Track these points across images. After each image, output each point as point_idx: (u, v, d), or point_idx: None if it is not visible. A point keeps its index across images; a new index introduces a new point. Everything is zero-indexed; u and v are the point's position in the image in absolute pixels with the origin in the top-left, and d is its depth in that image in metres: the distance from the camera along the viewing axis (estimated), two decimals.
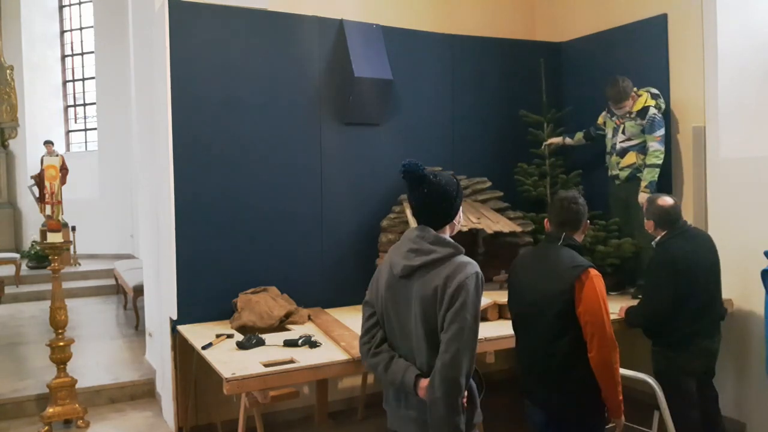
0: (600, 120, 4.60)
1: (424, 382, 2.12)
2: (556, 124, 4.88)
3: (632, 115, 4.31)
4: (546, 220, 2.81)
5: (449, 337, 2.07)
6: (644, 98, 4.29)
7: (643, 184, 4.20)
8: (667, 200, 3.61)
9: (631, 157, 4.35)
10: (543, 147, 4.82)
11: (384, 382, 2.32)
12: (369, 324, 2.35)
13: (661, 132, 4.22)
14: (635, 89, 4.31)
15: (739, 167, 4.15)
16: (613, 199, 4.55)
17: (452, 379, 2.05)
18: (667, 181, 4.40)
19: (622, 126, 4.39)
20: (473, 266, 2.15)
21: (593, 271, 2.52)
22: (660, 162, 4.20)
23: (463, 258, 2.18)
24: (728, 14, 4.21)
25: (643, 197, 4.15)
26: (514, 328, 2.81)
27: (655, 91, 4.32)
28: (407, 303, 2.19)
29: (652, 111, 4.23)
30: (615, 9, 4.92)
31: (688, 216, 4.38)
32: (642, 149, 4.30)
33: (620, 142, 4.40)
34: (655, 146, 4.20)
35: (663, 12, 4.52)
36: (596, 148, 4.72)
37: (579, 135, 4.74)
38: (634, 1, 4.77)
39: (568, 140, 4.78)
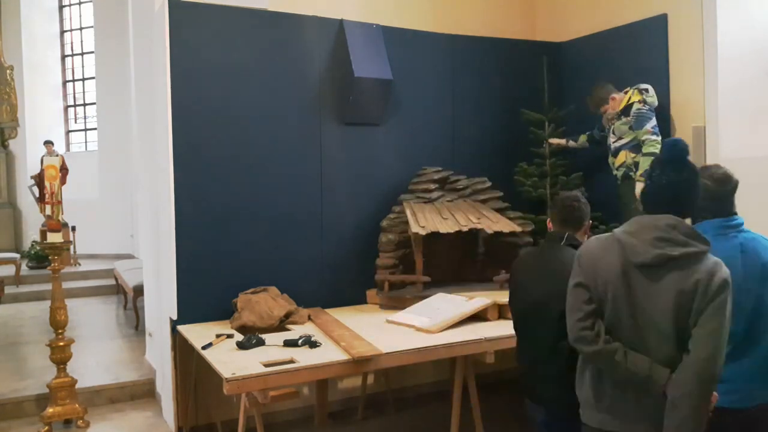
0: (604, 121, 4.59)
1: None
2: (558, 124, 4.87)
3: (618, 115, 4.33)
4: (548, 220, 2.82)
5: (707, 332, 1.96)
6: (628, 96, 4.29)
7: (639, 172, 4.18)
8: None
9: (622, 157, 4.34)
10: (543, 145, 4.79)
11: (614, 374, 2.11)
12: (589, 309, 2.14)
13: (651, 123, 4.18)
14: (619, 90, 4.32)
15: (739, 167, 4.11)
16: (618, 199, 4.53)
17: (709, 377, 1.95)
18: None
19: (612, 127, 4.41)
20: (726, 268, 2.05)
21: None
22: (656, 150, 4.14)
23: (714, 257, 2.07)
24: (728, 14, 4.21)
25: (639, 187, 4.15)
26: (515, 328, 2.81)
27: (644, 86, 4.27)
28: (652, 294, 2.06)
29: (636, 107, 4.21)
30: (615, 9, 4.92)
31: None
32: (632, 147, 4.28)
33: (613, 142, 4.41)
34: (649, 138, 4.17)
35: (663, 12, 4.52)
36: (599, 150, 4.68)
37: (583, 138, 4.71)
38: (634, 1, 4.76)
39: (571, 143, 4.74)
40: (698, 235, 2.09)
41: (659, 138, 4.18)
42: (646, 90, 4.26)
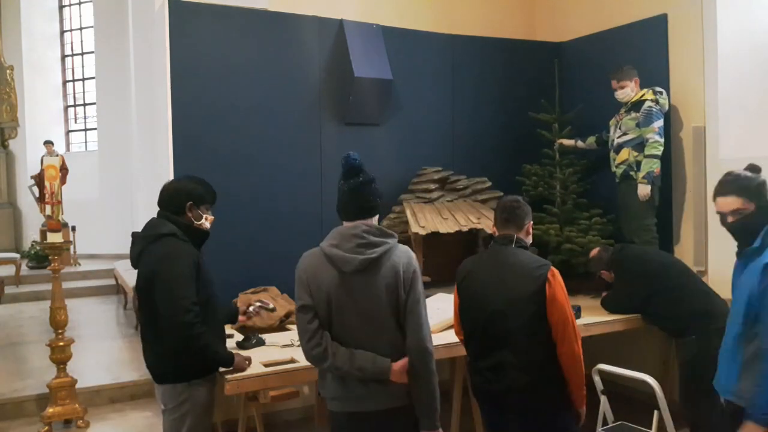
0: (611, 123, 4.53)
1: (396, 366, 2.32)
2: (565, 125, 4.77)
3: (628, 108, 4.30)
4: (492, 225, 2.79)
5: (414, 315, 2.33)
6: (643, 92, 4.27)
7: (641, 174, 4.17)
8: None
9: (624, 154, 4.31)
10: (555, 146, 4.72)
11: (344, 373, 2.39)
12: (313, 327, 2.38)
13: (659, 124, 4.17)
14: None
15: (739, 167, 4.13)
16: (617, 197, 4.50)
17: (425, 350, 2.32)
18: (667, 182, 4.39)
19: (619, 122, 4.38)
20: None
21: (554, 268, 2.55)
22: (659, 153, 4.15)
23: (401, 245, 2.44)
24: (728, 14, 4.21)
25: (642, 189, 4.16)
26: (472, 338, 2.69)
27: (658, 88, 4.27)
28: (368, 294, 2.35)
29: (648, 104, 4.19)
30: (615, 9, 4.92)
31: (689, 218, 4.41)
32: (636, 146, 4.26)
33: (617, 138, 4.37)
34: (653, 137, 4.15)
35: (663, 12, 4.52)
36: (605, 151, 4.62)
37: (591, 139, 4.65)
38: (634, 1, 4.77)
39: (580, 143, 4.69)
40: (387, 231, 2.49)
41: (662, 140, 4.17)
42: (661, 92, 4.26)
